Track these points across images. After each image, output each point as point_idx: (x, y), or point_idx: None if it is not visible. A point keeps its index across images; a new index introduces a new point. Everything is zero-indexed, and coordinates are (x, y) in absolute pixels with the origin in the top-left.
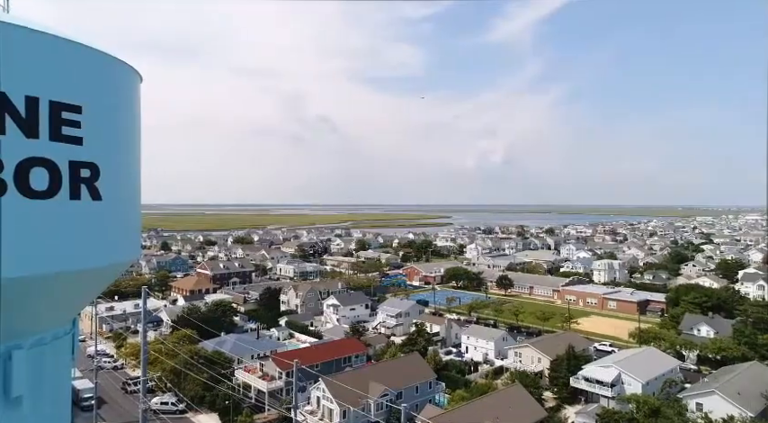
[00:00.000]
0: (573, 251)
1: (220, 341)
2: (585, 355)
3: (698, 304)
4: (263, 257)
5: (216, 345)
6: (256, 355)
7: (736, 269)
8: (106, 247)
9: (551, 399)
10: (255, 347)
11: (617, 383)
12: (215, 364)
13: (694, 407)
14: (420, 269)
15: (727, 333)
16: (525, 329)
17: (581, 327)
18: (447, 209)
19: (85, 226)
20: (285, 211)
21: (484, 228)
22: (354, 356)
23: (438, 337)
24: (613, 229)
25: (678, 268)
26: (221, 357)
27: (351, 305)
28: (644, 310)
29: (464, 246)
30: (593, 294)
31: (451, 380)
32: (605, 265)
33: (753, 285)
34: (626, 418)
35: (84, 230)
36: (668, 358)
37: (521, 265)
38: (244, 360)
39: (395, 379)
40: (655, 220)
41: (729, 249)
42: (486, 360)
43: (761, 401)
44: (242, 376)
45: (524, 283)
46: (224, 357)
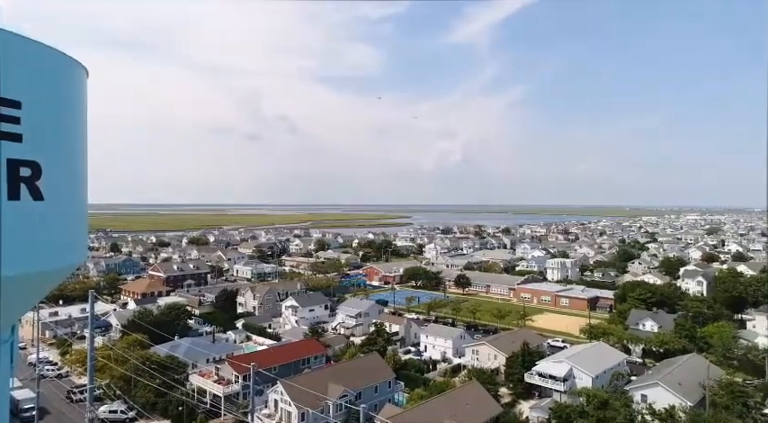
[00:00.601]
0: (528, 250)
1: (174, 345)
2: (539, 352)
3: (643, 300)
4: (220, 258)
5: (169, 349)
6: (212, 358)
7: (677, 266)
8: (49, 249)
9: (507, 394)
10: (211, 351)
11: (569, 378)
12: (168, 370)
13: (639, 398)
14: (380, 269)
15: (669, 327)
16: (482, 327)
17: (535, 324)
18: (407, 209)
19: (25, 227)
20: (243, 211)
21: (443, 228)
22: (313, 358)
23: (397, 336)
24: (566, 228)
25: (625, 266)
26: (175, 362)
27: (310, 306)
28: (594, 306)
29: (423, 245)
30: (546, 292)
31: (411, 379)
32: (558, 263)
33: (692, 281)
34: (577, 411)
35: (23, 232)
36: (616, 352)
37: (478, 265)
38: (199, 364)
39: (354, 379)
40: (604, 220)
41: (672, 248)
42: (445, 358)
43: (699, 391)
44: (197, 381)
45: (482, 281)
46: (178, 362)
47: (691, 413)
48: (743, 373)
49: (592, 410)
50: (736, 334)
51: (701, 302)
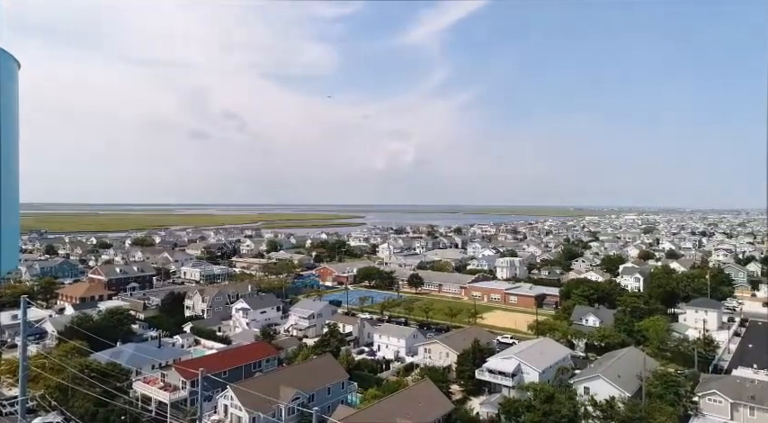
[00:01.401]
0: (478, 249)
1: (116, 352)
2: (489, 349)
3: (586, 297)
4: (166, 260)
5: (111, 356)
6: (157, 364)
7: (617, 264)
8: None
9: (458, 391)
10: (156, 357)
11: (517, 373)
12: (109, 378)
13: (583, 391)
14: (333, 269)
15: (609, 322)
16: (435, 326)
17: (486, 321)
18: (360, 209)
19: None
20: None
21: (396, 228)
22: (265, 361)
23: (351, 336)
24: (514, 228)
25: (570, 264)
26: (117, 369)
27: (261, 308)
28: (541, 303)
29: (377, 245)
30: (496, 290)
31: (364, 379)
32: (507, 262)
33: (630, 278)
34: (525, 406)
35: None
36: (561, 347)
37: (431, 264)
38: (143, 371)
39: (307, 381)
40: (550, 220)
41: (612, 246)
42: (398, 357)
43: (636, 382)
44: (141, 388)
45: (434, 281)
46: (120, 369)
47: (629, 403)
48: (675, 363)
49: (538, 404)
50: (670, 327)
51: (638, 298)
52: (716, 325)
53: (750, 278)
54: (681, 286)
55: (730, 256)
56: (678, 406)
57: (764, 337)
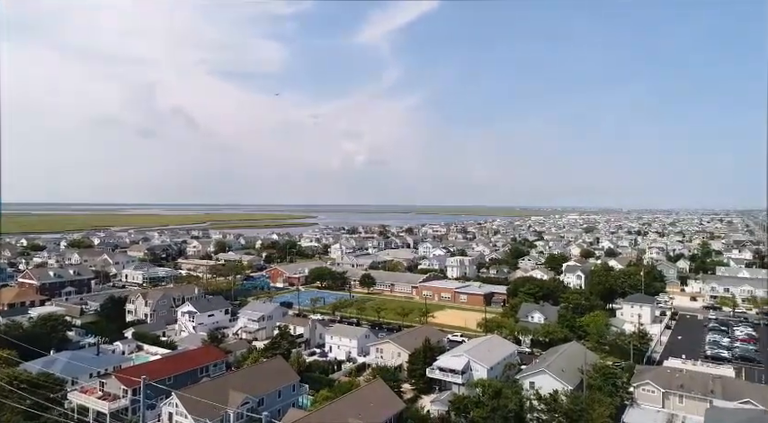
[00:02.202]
0: (430, 249)
1: (49, 361)
2: (440, 347)
3: (532, 294)
4: (106, 263)
5: (43, 366)
6: (95, 373)
7: (560, 262)
8: None
9: (410, 390)
10: (94, 365)
11: (467, 370)
12: (41, 388)
13: (528, 385)
14: (284, 270)
15: (553, 318)
16: (387, 326)
17: (437, 320)
18: (312, 209)
19: None
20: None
21: (348, 228)
22: (213, 365)
23: (302, 338)
24: (464, 227)
25: (517, 263)
26: (50, 379)
27: (209, 311)
28: (489, 301)
29: (329, 246)
30: (446, 289)
31: (315, 380)
32: (457, 261)
33: (573, 276)
34: (474, 402)
35: None
36: (508, 344)
37: (383, 264)
38: (80, 380)
39: (256, 385)
40: (498, 220)
41: (556, 245)
42: (350, 358)
43: (578, 375)
44: (77, 399)
45: (386, 280)
46: (54, 379)
47: (571, 396)
48: (613, 356)
49: (487, 400)
50: (608, 322)
51: (579, 295)
52: (649, 319)
53: (679, 274)
54: (618, 283)
55: (662, 254)
56: (615, 396)
57: (692, 329)
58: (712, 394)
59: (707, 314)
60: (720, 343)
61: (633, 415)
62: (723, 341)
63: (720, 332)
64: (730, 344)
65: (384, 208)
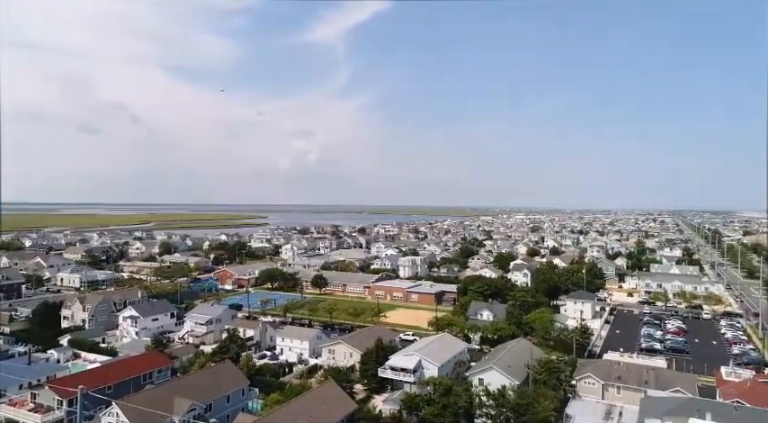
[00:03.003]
0: (382, 249)
1: None
2: (392, 346)
3: (481, 292)
4: (39, 266)
5: None
6: (26, 384)
7: (508, 261)
8: None
9: (362, 390)
10: (25, 375)
11: (418, 369)
12: None
13: (478, 382)
14: (233, 272)
15: (502, 315)
16: (339, 326)
17: (389, 320)
18: (263, 209)
19: None
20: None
21: (300, 228)
22: (157, 372)
23: (252, 341)
24: (416, 227)
25: (467, 262)
26: None
27: (153, 315)
28: (440, 300)
29: (280, 246)
30: (398, 289)
31: (266, 384)
32: (409, 261)
33: (520, 274)
34: (425, 400)
35: None
36: (458, 342)
37: (335, 264)
38: (8, 392)
39: (204, 391)
40: (449, 220)
41: (504, 244)
42: (302, 360)
43: (524, 371)
44: (5, 412)
45: (338, 281)
46: None
47: (518, 391)
48: (558, 351)
49: (438, 397)
50: (553, 318)
51: (526, 292)
52: (590, 314)
53: (618, 271)
54: (562, 280)
55: (602, 252)
56: (559, 390)
57: (628, 323)
58: (646, 384)
59: (642, 309)
60: (654, 336)
61: (575, 407)
62: (656, 334)
63: (654, 326)
64: (662, 336)
65: (336, 208)
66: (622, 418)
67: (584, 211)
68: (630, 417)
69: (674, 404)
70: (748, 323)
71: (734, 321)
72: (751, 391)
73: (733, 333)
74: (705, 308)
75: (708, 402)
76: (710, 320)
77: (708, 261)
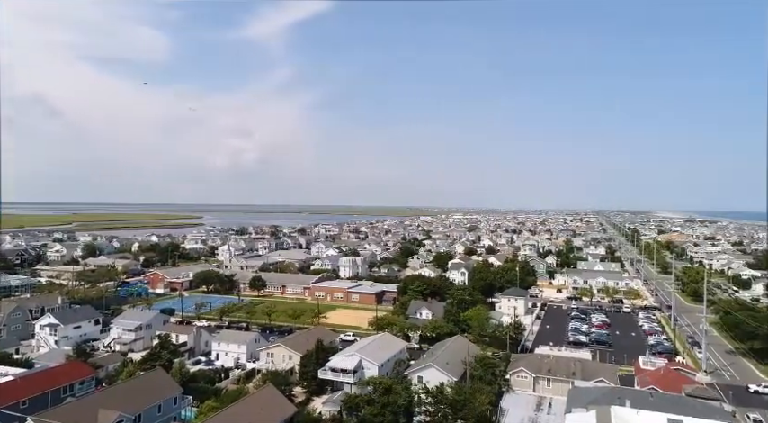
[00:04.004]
0: (322, 249)
1: None
2: (333, 347)
3: (420, 291)
4: None
5: None
6: None
7: (446, 260)
8: None
9: (301, 393)
10: None
11: (358, 369)
12: None
13: (417, 380)
14: (165, 275)
15: (440, 314)
16: (278, 329)
17: (329, 320)
18: (198, 209)
19: None
20: None
21: (237, 228)
22: (79, 383)
23: (186, 346)
24: (357, 227)
25: (407, 261)
26: None
27: (75, 322)
28: (381, 299)
29: (216, 247)
30: (339, 289)
31: (200, 391)
32: (350, 261)
33: (457, 272)
34: (365, 400)
35: None
36: (398, 341)
37: (274, 265)
38: None
39: (132, 401)
40: (389, 220)
41: (442, 244)
42: (239, 364)
43: (462, 367)
44: None
45: (277, 282)
46: None
47: (455, 387)
48: (493, 347)
49: (378, 397)
50: (489, 315)
51: (463, 290)
52: (523, 310)
53: (548, 269)
54: (497, 278)
55: (534, 251)
56: (494, 384)
57: (558, 318)
58: (574, 376)
59: (570, 304)
60: (580, 329)
61: (509, 400)
62: (582, 328)
63: (580, 320)
64: (588, 330)
65: (276, 208)
66: (552, 409)
67: (518, 211)
68: (559, 407)
69: (597, 393)
70: (662, 315)
71: (650, 314)
72: (664, 378)
73: (649, 325)
74: (625, 302)
75: (627, 390)
76: (630, 313)
77: (628, 258)
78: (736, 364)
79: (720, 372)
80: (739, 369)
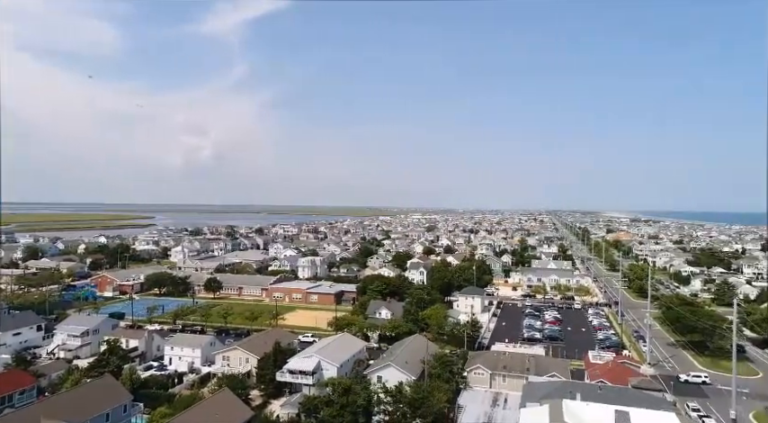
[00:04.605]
0: (281, 250)
1: None
2: (291, 349)
3: (380, 291)
4: None
5: None
6: None
7: (405, 259)
8: None
9: (259, 396)
10: None
11: (317, 371)
12: None
13: (376, 379)
14: (114, 278)
15: (399, 313)
16: (234, 331)
17: (287, 322)
18: (151, 209)
19: None
20: None
21: (191, 229)
22: (19, 393)
23: (136, 352)
24: (316, 227)
25: (366, 261)
26: None
27: (14, 329)
28: (340, 300)
29: (169, 249)
30: (297, 290)
31: (152, 397)
32: (309, 261)
33: (416, 272)
34: (324, 401)
35: None
36: (358, 341)
37: (230, 266)
38: None
39: (77, 410)
40: (349, 220)
41: (401, 243)
42: (193, 369)
43: (420, 366)
44: None
45: (234, 284)
46: None
47: (414, 386)
48: (451, 345)
49: (337, 398)
50: (447, 314)
51: (422, 289)
52: (480, 308)
53: (504, 267)
54: (455, 277)
55: (490, 250)
56: (452, 382)
57: (513, 315)
58: (528, 372)
59: (524, 301)
60: (534, 326)
61: (466, 397)
62: (536, 324)
63: (534, 317)
64: (541, 326)
65: (233, 208)
66: (507, 404)
67: (475, 212)
68: (514, 402)
69: (550, 388)
70: (610, 311)
71: (599, 310)
72: (612, 372)
73: (598, 320)
74: (576, 299)
75: (578, 384)
76: (581, 310)
77: (579, 256)
78: (676, 355)
79: (663, 364)
80: (679, 360)
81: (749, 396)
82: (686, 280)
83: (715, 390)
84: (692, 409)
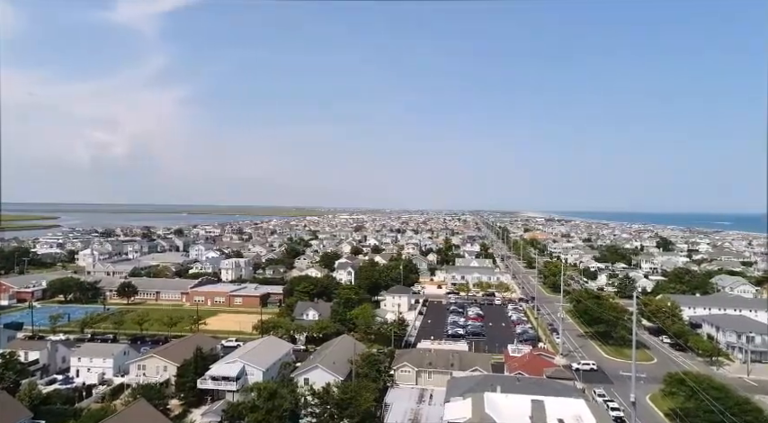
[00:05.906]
0: (202, 252)
1: None
2: (213, 355)
3: (307, 292)
4: None
5: None
6: None
7: (333, 260)
8: None
9: (178, 406)
10: None
11: (242, 376)
12: None
13: (303, 382)
14: (10, 284)
15: (327, 314)
16: (151, 338)
17: (210, 326)
18: (54, 208)
19: None
20: None
21: (102, 230)
22: None
23: (37, 365)
24: (240, 228)
25: (293, 262)
26: None
27: None
28: (265, 302)
29: (76, 252)
30: (220, 293)
31: (56, 414)
32: (232, 263)
33: (344, 272)
34: (248, 407)
35: None
36: (284, 343)
37: (147, 270)
38: None
39: None
40: (275, 220)
41: (329, 243)
42: (104, 380)
43: (348, 366)
44: None
45: (150, 288)
46: None
47: (341, 387)
48: (378, 344)
49: (262, 403)
50: (374, 313)
51: (350, 289)
52: (407, 307)
53: (429, 266)
54: (382, 276)
55: (416, 249)
56: (379, 381)
57: (438, 313)
58: (452, 367)
59: (449, 299)
60: (458, 323)
61: (393, 395)
62: (460, 321)
63: (458, 313)
64: (465, 323)
65: (149, 208)
66: (433, 400)
67: (401, 212)
68: (440, 398)
69: (473, 382)
70: (528, 306)
71: (518, 305)
72: (529, 364)
73: (517, 315)
74: (497, 295)
75: (498, 377)
76: (501, 306)
77: (499, 254)
78: (585, 346)
79: (573, 354)
80: (587, 350)
81: (646, 380)
82: (594, 275)
83: (617, 376)
84: (599, 395)
